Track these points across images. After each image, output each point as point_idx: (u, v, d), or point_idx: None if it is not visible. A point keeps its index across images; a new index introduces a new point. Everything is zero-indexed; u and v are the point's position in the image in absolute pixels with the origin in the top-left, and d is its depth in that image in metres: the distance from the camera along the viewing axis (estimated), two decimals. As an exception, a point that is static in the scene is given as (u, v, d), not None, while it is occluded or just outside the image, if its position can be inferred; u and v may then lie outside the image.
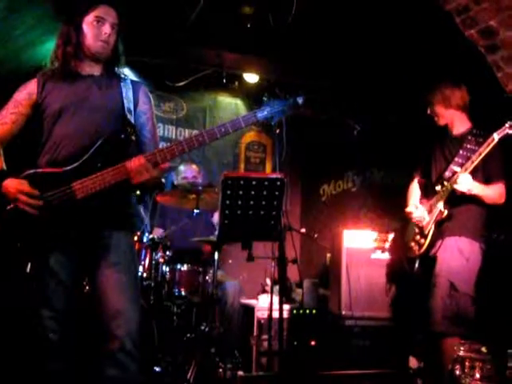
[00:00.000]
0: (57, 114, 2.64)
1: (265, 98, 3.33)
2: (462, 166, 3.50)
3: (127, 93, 2.73)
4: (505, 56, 3.62)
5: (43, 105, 2.69)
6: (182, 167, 5.36)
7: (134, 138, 2.68)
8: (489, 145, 3.36)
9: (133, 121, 2.69)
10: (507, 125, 3.32)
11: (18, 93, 2.73)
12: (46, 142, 2.65)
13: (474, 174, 3.47)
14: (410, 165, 4.16)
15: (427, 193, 3.84)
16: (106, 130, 2.60)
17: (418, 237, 3.74)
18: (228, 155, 6.55)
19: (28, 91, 2.71)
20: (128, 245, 2.67)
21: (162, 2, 4.64)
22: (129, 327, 2.49)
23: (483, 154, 3.39)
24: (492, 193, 3.52)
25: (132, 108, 2.72)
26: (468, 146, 3.58)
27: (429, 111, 3.85)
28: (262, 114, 2.65)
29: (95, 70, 2.74)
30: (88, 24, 2.67)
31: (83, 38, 2.67)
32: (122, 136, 2.61)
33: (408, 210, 3.85)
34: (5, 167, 2.65)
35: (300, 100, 2.72)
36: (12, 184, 2.51)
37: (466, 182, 3.43)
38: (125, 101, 2.70)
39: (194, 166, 5.37)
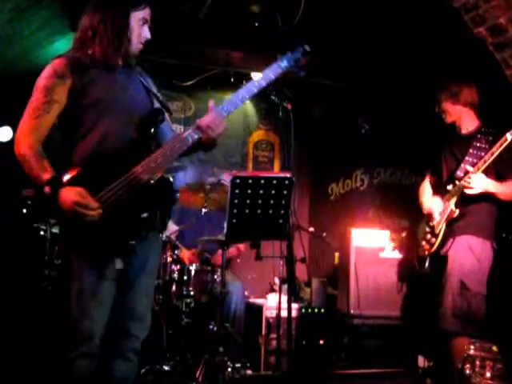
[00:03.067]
0: (101, 105, 2.46)
1: (273, 97, 3.35)
2: (474, 165, 3.48)
3: (145, 80, 2.69)
4: (513, 53, 3.60)
5: (82, 93, 2.44)
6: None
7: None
8: (501, 145, 3.34)
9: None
10: None
11: (44, 79, 2.42)
12: (87, 133, 2.45)
13: (487, 172, 3.45)
14: (418, 164, 4.15)
15: (438, 192, 3.82)
16: (145, 118, 2.54)
17: (428, 236, 3.72)
18: (236, 154, 6.54)
19: (59, 75, 2.41)
20: (160, 248, 2.70)
21: (170, 1, 4.64)
22: (147, 331, 2.54)
23: (495, 154, 3.36)
24: (507, 189, 3.49)
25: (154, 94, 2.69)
26: (478, 145, 3.57)
27: (436, 109, 3.81)
28: (284, 63, 2.77)
29: (120, 62, 2.60)
30: (135, 21, 2.54)
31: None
32: (161, 118, 2.57)
33: (425, 207, 3.84)
34: (54, 173, 2.35)
35: (307, 47, 2.84)
36: (68, 196, 2.28)
37: (479, 183, 3.41)
38: (148, 88, 2.66)
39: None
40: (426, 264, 3.70)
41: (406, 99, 5.52)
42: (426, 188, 4.01)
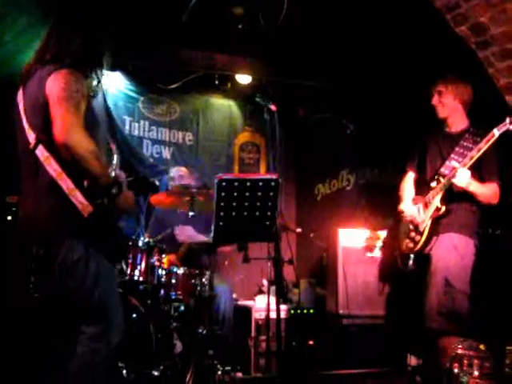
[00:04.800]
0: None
1: (257, 99, 3.34)
2: (459, 162, 3.49)
3: None
4: (496, 52, 3.63)
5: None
6: (172, 169, 5.32)
7: None
8: (488, 141, 3.35)
9: None
10: (507, 120, 3.30)
11: (80, 87, 2.38)
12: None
13: (472, 173, 3.45)
14: (404, 163, 4.15)
15: (421, 189, 3.82)
16: None
17: (413, 234, 3.71)
18: (222, 157, 6.52)
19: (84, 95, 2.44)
20: None
21: (153, 4, 4.63)
22: None
23: (483, 150, 3.37)
24: (488, 191, 3.51)
25: None
26: (464, 144, 3.58)
27: (433, 100, 3.77)
28: None
29: None
30: None
31: None
32: None
33: (400, 208, 3.85)
34: None
35: None
36: (129, 193, 2.56)
37: (464, 177, 3.42)
38: None
39: (183, 168, 5.31)
40: (410, 262, 3.69)
41: (390, 99, 5.53)
42: (407, 185, 3.99)
